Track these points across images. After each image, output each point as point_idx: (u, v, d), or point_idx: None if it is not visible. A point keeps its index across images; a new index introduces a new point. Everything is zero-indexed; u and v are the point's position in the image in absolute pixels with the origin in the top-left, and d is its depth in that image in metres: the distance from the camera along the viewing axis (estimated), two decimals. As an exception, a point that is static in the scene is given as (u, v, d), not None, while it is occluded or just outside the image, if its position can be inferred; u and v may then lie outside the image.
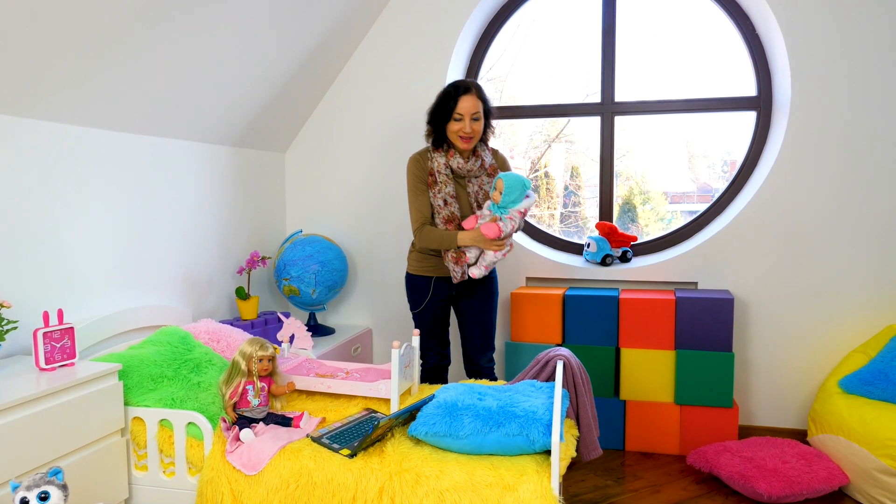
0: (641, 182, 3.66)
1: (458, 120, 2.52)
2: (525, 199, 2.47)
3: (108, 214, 2.44)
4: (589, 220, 3.72)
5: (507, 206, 2.45)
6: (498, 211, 2.47)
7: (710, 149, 3.57)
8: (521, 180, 2.47)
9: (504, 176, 2.47)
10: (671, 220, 3.62)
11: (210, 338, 2.49)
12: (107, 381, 1.96)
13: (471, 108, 2.52)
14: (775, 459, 2.62)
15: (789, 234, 3.08)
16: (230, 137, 3.14)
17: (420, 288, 2.73)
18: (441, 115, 2.56)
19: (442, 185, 2.59)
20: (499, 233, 2.42)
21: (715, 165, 3.61)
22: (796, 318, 3.10)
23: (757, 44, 3.22)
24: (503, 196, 2.45)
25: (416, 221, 2.62)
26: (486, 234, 2.41)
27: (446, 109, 2.53)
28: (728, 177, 3.54)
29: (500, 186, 2.46)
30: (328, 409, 2.24)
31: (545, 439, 1.83)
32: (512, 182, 2.45)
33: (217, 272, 3.10)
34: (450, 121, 2.54)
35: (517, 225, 2.47)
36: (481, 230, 2.42)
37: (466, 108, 2.51)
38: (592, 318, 3.07)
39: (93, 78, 2.19)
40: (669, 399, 3.02)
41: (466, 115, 2.51)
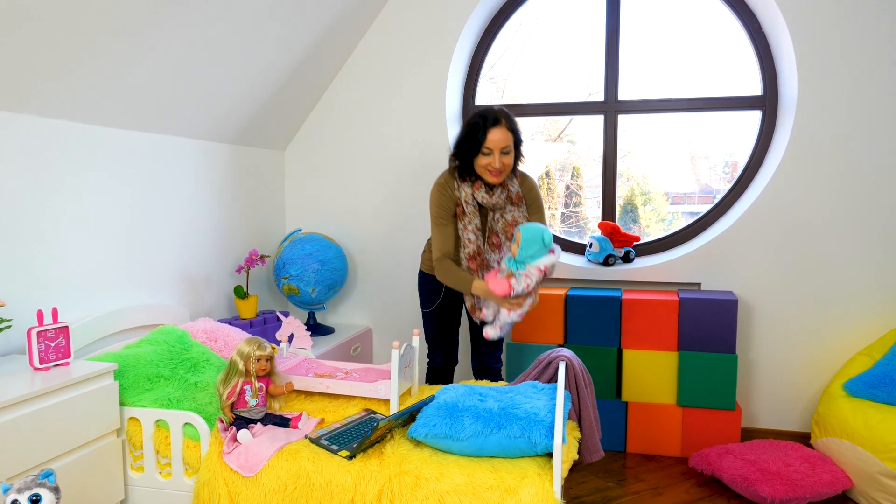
0: (643, 182, 3.63)
1: (487, 154, 2.34)
2: (546, 255, 2.21)
3: (105, 212, 2.41)
4: (590, 220, 3.69)
5: (525, 260, 2.20)
6: (513, 265, 2.21)
7: (711, 150, 3.53)
8: (541, 233, 2.20)
9: (523, 228, 2.23)
10: (672, 221, 3.59)
11: (208, 337, 2.46)
12: (102, 380, 1.93)
13: (501, 142, 2.33)
14: (778, 462, 2.59)
15: (794, 234, 3.05)
16: (229, 134, 3.11)
17: (432, 288, 2.70)
18: (469, 149, 2.37)
19: (471, 216, 2.44)
20: (508, 291, 2.17)
21: (716, 167, 3.58)
22: (800, 320, 3.07)
23: (763, 42, 3.19)
24: (520, 250, 2.20)
25: (437, 251, 2.46)
26: (493, 291, 2.18)
27: (474, 142, 2.34)
28: (729, 178, 3.51)
29: (517, 238, 2.21)
30: (327, 410, 2.22)
31: (547, 441, 1.80)
32: (530, 235, 2.20)
33: (215, 271, 3.07)
34: (478, 154, 2.36)
35: (533, 283, 2.18)
36: (489, 286, 2.20)
37: (496, 142, 2.32)
38: (594, 318, 3.04)
39: (89, 73, 2.16)
40: (672, 401, 2.99)
41: (496, 148, 2.33)
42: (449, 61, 3.38)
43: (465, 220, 2.45)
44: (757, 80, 3.25)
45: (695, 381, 2.93)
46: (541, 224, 2.19)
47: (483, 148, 2.33)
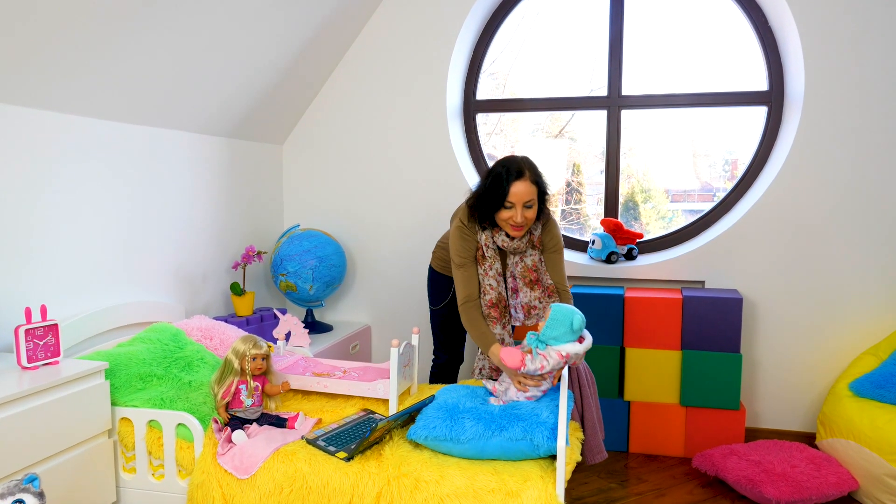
0: (643, 180, 3.58)
1: (509, 207, 2.19)
2: (571, 342, 1.98)
3: (98, 206, 2.36)
4: (590, 217, 3.64)
5: (547, 341, 1.98)
6: (534, 343, 2.00)
7: (711, 147, 3.48)
8: (571, 317, 1.97)
9: (555, 307, 2.01)
10: (672, 219, 3.54)
11: (203, 335, 2.41)
12: (93, 380, 1.88)
13: (524, 196, 2.16)
14: (783, 463, 2.55)
15: (799, 232, 3.00)
16: (226, 128, 3.05)
17: (443, 286, 2.65)
18: (490, 202, 2.21)
19: (491, 260, 2.31)
20: (519, 366, 1.94)
21: (716, 164, 3.52)
22: (805, 319, 3.02)
23: (769, 37, 3.13)
24: (545, 328, 1.99)
25: (462, 296, 2.31)
26: (503, 361, 1.97)
27: (496, 196, 2.18)
28: (730, 176, 3.46)
29: (546, 315, 2.02)
30: (324, 410, 2.17)
31: (550, 444, 1.75)
32: (559, 316, 1.98)
33: (211, 267, 3.02)
34: (500, 208, 2.21)
35: (549, 367, 1.94)
36: (501, 354, 1.98)
37: (519, 195, 2.16)
38: (597, 316, 2.99)
39: (82, 64, 2.10)
40: (675, 400, 2.95)
41: (518, 202, 2.17)
42: (450, 54, 3.32)
43: (485, 266, 2.32)
44: (762, 75, 3.19)
45: (698, 381, 2.89)
46: (575, 309, 1.98)
47: (505, 202, 2.18)
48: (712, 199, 3.47)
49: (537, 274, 2.33)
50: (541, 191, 2.23)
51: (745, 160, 3.36)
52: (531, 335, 2.03)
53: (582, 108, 3.47)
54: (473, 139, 3.55)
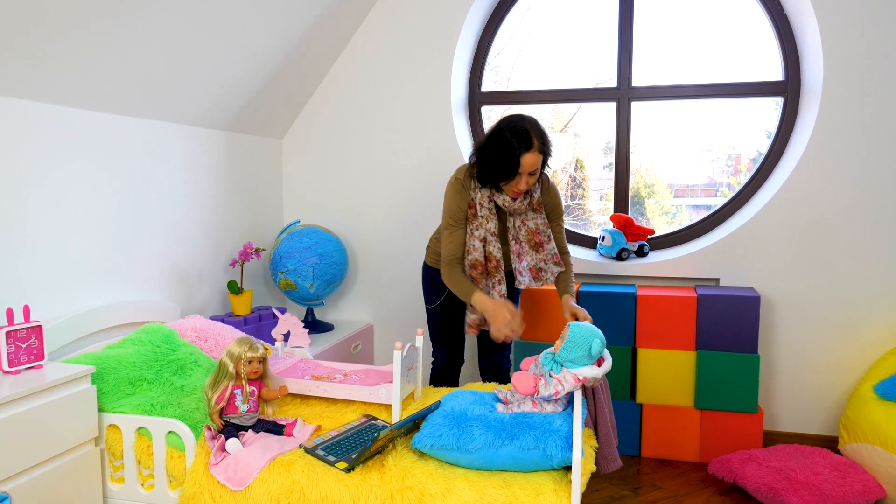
0: (647, 175, 3.46)
1: (517, 176, 2.19)
2: (589, 366, 1.85)
3: (89, 201, 2.25)
4: (593, 213, 3.53)
5: (564, 362, 1.87)
6: (549, 365, 1.88)
7: (714, 142, 3.36)
8: (590, 340, 1.84)
9: (574, 326, 1.89)
10: (675, 214, 3.43)
11: (197, 336, 2.30)
12: (79, 384, 1.77)
13: (531, 166, 2.16)
14: (806, 470, 2.43)
15: (818, 227, 2.88)
16: (223, 121, 2.94)
17: (437, 283, 2.55)
18: (497, 169, 2.19)
19: (483, 219, 2.29)
20: (532, 392, 1.85)
21: (719, 159, 3.41)
22: (824, 318, 2.90)
23: (785, 25, 3.01)
24: (562, 349, 1.87)
25: (446, 254, 2.32)
26: (516, 388, 1.87)
27: (505, 166, 2.16)
28: (732, 171, 3.35)
29: (564, 335, 1.89)
30: (324, 415, 2.06)
31: (564, 454, 1.64)
32: (578, 338, 1.85)
33: (208, 265, 2.92)
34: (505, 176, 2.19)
35: (565, 392, 1.84)
36: (513, 379, 1.88)
37: (527, 166, 2.16)
38: (608, 315, 2.87)
39: (72, 53, 1.99)
40: (689, 403, 2.83)
41: (525, 172, 2.17)
42: (454, 44, 3.21)
43: (474, 225, 2.31)
44: (774, 65, 3.07)
45: (714, 383, 2.77)
46: (595, 330, 1.87)
47: (517, 171, 2.17)
48: (715, 193, 3.37)
49: (541, 237, 2.34)
50: (545, 159, 2.25)
51: (748, 154, 3.25)
52: (547, 355, 1.91)
53: (590, 100, 3.35)
54: (479, 133, 3.43)
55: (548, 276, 2.39)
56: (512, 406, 1.90)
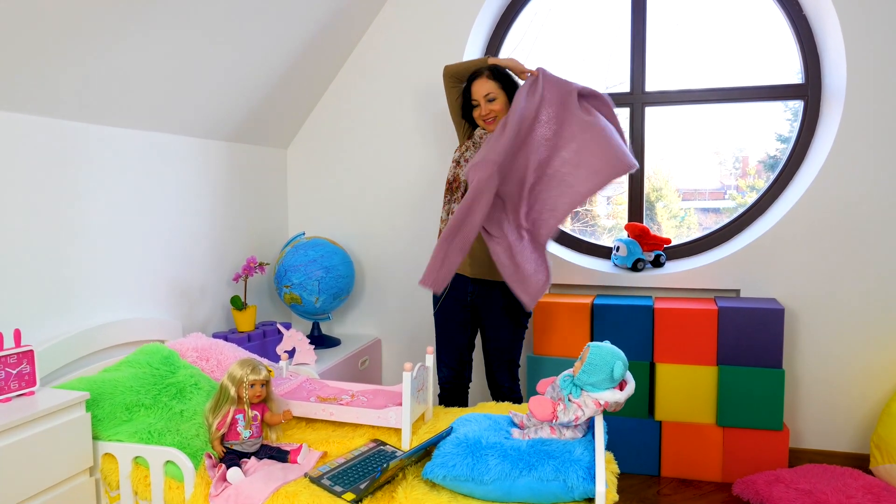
0: (655, 178, 3.36)
1: (476, 106, 2.44)
2: (612, 390, 1.74)
3: (85, 215, 2.16)
4: (600, 217, 3.43)
5: (584, 386, 1.77)
6: (568, 388, 1.79)
7: (721, 145, 3.25)
8: (612, 363, 1.74)
9: (594, 347, 1.79)
10: (684, 218, 3.33)
11: (199, 355, 2.21)
12: (72, 412, 1.68)
13: (482, 92, 2.40)
14: (838, 493, 2.31)
15: (843, 235, 2.76)
16: (226, 132, 2.86)
17: None
18: (466, 108, 2.50)
19: (464, 148, 2.54)
20: (551, 418, 1.76)
21: (726, 162, 3.30)
22: (850, 330, 2.78)
23: (804, 26, 2.90)
24: (582, 372, 1.76)
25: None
26: (533, 413, 1.78)
27: (465, 101, 2.48)
28: (740, 173, 3.25)
29: (584, 356, 1.79)
30: (330, 440, 1.96)
31: (586, 486, 1.54)
32: (599, 361, 1.75)
33: (210, 279, 2.83)
34: (472, 110, 2.47)
35: (585, 417, 1.75)
36: (530, 404, 1.80)
37: (479, 93, 2.42)
38: (624, 329, 2.77)
39: (71, 64, 1.91)
40: (711, 420, 2.72)
41: (480, 98, 2.42)
42: (462, 52, 3.11)
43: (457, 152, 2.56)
44: (787, 68, 2.96)
45: (737, 399, 2.66)
46: (617, 352, 1.78)
47: (472, 101, 2.43)
48: (723, 196, 3.29)
49: None
50: (505, 85, 2.40)
51: (755, 157, 3.18)
52: (566, 378, 1.81)
53: (604, 106, 3.26)
54: (488, 140, 3.34)
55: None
56: (529, 432, 1.79)
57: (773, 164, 3.16)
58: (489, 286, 2.43)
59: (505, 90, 2.41)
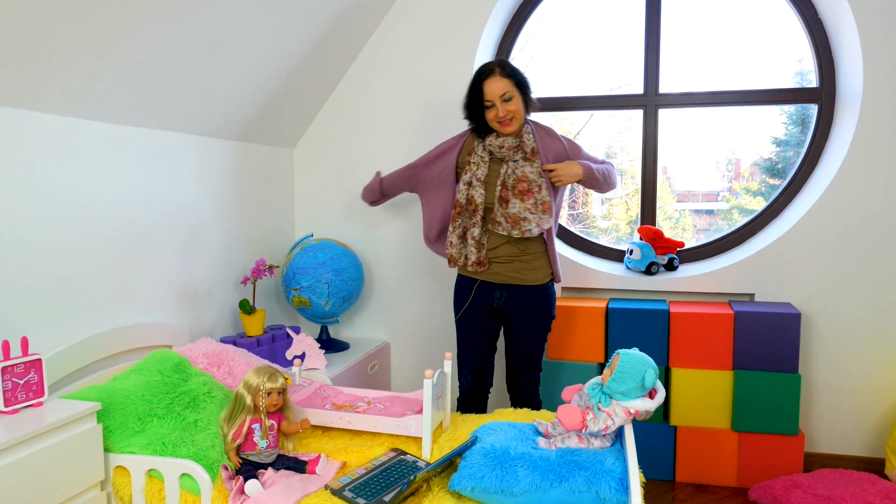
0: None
1: (490, 107, 2.28)
2: (642, 399, 1.72)
3: (89, 217, 2.09)
4: (596, 218, 3.42)
5: (614, 395, 1.72)
6: (597, 397, 1.74)
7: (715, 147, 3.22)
8: (644, 371, 1.70)
9: (624, 355, 1.74)
10: (679, 220, 3.30)
11: (210, 362, 2.14)
12: (83, 424, 1.61)
13: (498, 91, 2.25)
14: (856, 499, 2.28)
15: (858, 239, 2.74)
16: (232, 130, 2.79)
17: (463, 289, 2.44)
18: (474, 107, 2.32)
19: (474, 165, 2.36)
20: (581, 427, 1.71)
21: (720, 164, 3.28)
22: (865, 334, 2.76)
23: (819, 30, 2.87)
24: (612, 380, 1.72)
25: None
26: (562, 423, 1.73)
27: (475, 100, 2.30)
28: (734, 175, 3.25)
29: (613, 364, 1.75)
30: (348, 449, 1.90)
31: (619, 497, 1.50)
32: (630, 369, 1.71)
33: (218, 282, 2.76)
34: (484, 111, 2.30)
35: (615, 427, 1.70)
36: (558, 413, 1.75)
37: (493, 92, 2.26)
38: (639, 333, 2.73)
39: (73, 60, 1.84)
40: (727, 425, 2.69)
41: (495, 98, 2.26)
42: (475, 52, 3.06)
43: (465, 171, 2.39)
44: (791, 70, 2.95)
45: (752, 404, 2.63)
46: (648, 360, 1.74)
47: (484, 101, 2.28)
48: (716, 198, 3.29)
49: (528, 185, 2.31)
50: (518, 83, 2.28)
51: (748, 159, 3.19)
52: (595, 385, 1.76)
53: (616, 108, 3.23)
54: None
55: (530, 226, 2.29)
56: (556, 441, 1.75)
57: (768, 167, 3.15)
58: (520, 291, 2.38)
59: (519, 89, 2.29)
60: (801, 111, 3.06)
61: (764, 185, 3.21)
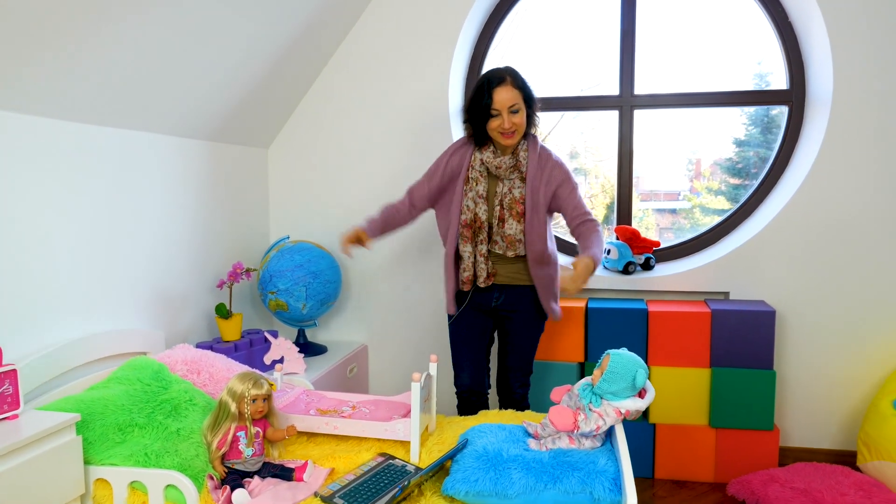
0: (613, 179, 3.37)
1: (496, 115, 2.20)
2: (632, 398, 1.74)
3: (60, 221, 2.02)
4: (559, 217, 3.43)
5: (605, 395, 1.74)
6: (588, 397, 1.76)
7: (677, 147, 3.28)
8: (634, 371, 1.73)
9: (615, 355, 1.77)
10: (643, 219, 3.35)
11: (189, 369, 2.09)
12: (62, 436, 1.55)
13: (507, 101, 2.18)
14: (832, 492, 2.34)
15: (830, 238, 2.81)
16: (205, 131, 2.73)
17: (459, 292, 2.42)
18: (478, 114, 2.23)
19: (473, 181, 2.29)
20: (573, 428, 1.72)
21: (681, 164, 3.34)
22: (835, 330, 2.83)
23: (789, 33, 2.94)
24: (602, 380, 1.74)
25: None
26: (554, 424, 1.74)
27: (482, 106, 2.21)
28: (694, 174, 3.31)
29: (603, 364, 1.77)
30: (335, 455, 1.87)
31: (613, 497, 1.50)
32: (621, 369, 1.73)
33: (193, 286, 2.69)
34: (488, 118, 2.21)
35: (606, 427, 1.72)
36: (550, 415, 1.76)
37: (503, 102, 2.18)
38: (619, 332, 2.75)
39: (40, 57, 1.77)
40: (704, 422, 2.73)
41: (503, 108, 2.19)
42: (453, 50, 3.05)
43: (468, 186, 2.31)
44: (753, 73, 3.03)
45: (729, 400, 2.68)
46: (638, 360, 1.77)
47: (491, 110, 2.20)
48: (677, 198, 3.35)
49: (524, 207, 2.28)
50: (526, 96, 2.23)
51: (708, 159, 3.27)
52: (585, 386, 1.77)
53: (591, 109, 3.24)
54: (475, 141, 3.28)
55: (523, 248, 2.30)
56: (546, 442, 1.75)
57: (729, 167, 3.22)
58: (518, 291, 2.37)
59: (526, 102, 2.23)
60: (760, 113, 3.13)
61: (725, 184, 3.28)
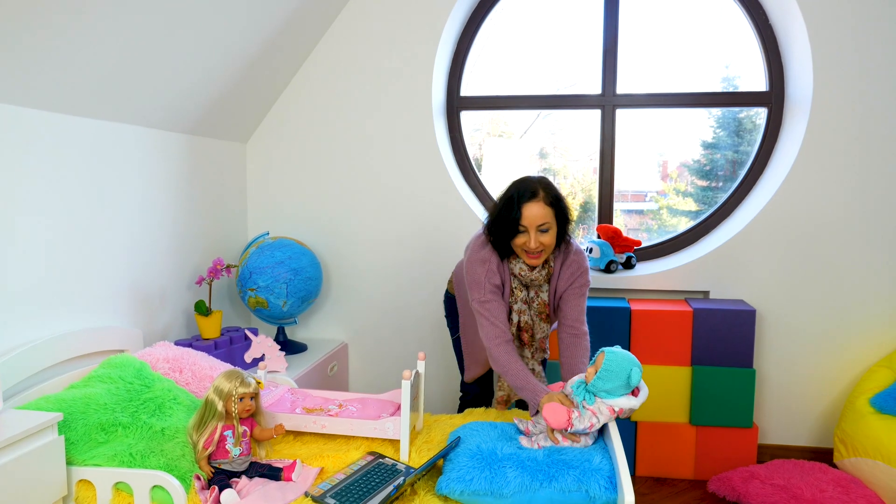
0: (583, 181, 3.40)
1: (523, 232, 1.97)
2: (625, 396, 1.73)
3: (34, 214, 1.94)
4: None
5: (599, 393, 1.73)
6: (582, 395, 1.75)
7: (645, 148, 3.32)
8: (629, 370, 1.71)
9: (609, 353, 1.75)
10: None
11: (171, 367, 2.03)
12: (43, 436, 1.49)
13: (538, 218, 1.95)
14: (811, 488, 2.38)
15: (809, 239, 2.86)
16: (183, 123, 2.66)
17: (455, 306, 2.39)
18: (503, 227, 1.99)
19: (517, 290, 2.10)
20: (566, 426, 1.70)
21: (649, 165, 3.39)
22: (813, 330, 2.89)
23: (769, 35, 2.99)
24: (597, 378, 1.73)
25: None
26: (547, 420, 1.72)
27: (509, 220, 1.97)
28: (662, 175, 3.36)
29: (598, 362, 1.76)
30: (324, 454, 1.84)
31: (608, 495, 1.50)
32: (615, 367, 1.71)
33: (171, 283, 2.62)
34: (516, 234, 1.98)
35: (599, 425, 1.71)
36: (543, 412, 1.73)
37: (532, 218, 1.95)
38: (601, 331, 2.76)
39: (14, 45, 1.70)
40: (684, 419, 2.77)
41: (532, 226, 1.95)
42: (436, 45, 3.03)
43: (513, 297, 2.12)
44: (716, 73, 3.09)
45: (710, 398, 2.72)
46: (633, 358, 1.74)
47: (519, 226, 1.97)
48: (644, 199, 3.39)
49: (550, 308, 2.16)
50: (560, 214, 2.00)
51: (675, 161, 3.31)
52: (578, 384, 1.77)
53: (573, 107, 3.25)
54: (457, 138, 3.27)
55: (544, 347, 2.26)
56: (538, 439, 1.74)
57: (697, 170, 3.27)
58: None
59: (558, 220, 2.00)
60: (728, 116, 3.18)
61: (692, 185, 3.32)
